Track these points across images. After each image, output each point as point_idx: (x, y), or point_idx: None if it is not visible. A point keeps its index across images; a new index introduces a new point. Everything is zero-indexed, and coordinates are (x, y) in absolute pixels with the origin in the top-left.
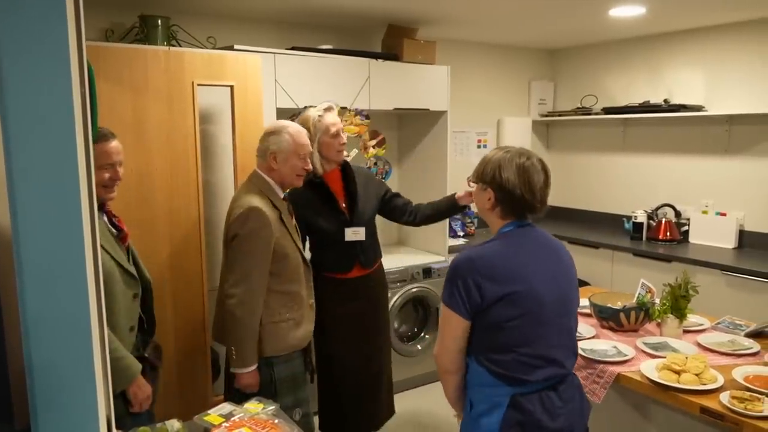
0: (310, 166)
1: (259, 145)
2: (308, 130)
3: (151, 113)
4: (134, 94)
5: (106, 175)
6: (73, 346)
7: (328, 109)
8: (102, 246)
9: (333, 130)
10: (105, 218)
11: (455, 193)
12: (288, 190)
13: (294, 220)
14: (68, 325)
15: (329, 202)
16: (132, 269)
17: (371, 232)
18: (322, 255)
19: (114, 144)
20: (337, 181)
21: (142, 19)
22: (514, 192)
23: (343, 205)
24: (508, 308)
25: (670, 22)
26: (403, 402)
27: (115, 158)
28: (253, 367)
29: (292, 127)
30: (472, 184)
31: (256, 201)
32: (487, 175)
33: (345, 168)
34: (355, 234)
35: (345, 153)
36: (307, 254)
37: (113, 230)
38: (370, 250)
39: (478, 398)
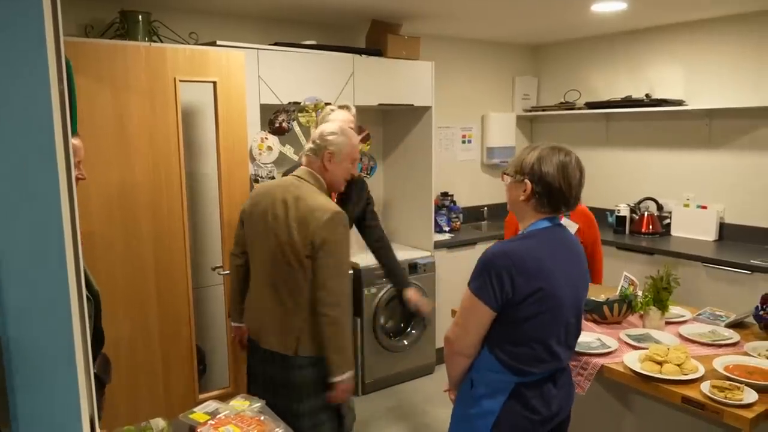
0: (357, 173)
1: (313, 143)
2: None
3: (132, 110)
4: (115, 91)
5: None
6: (54, 342)
7: (342, 108)
8: None
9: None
10: None
11: (410, 290)
12: None
13: None
14: (49, 321)
15: None
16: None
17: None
18: None
19: (73, 143)
20: None
21: (122, 14)
22: (553, 185)
23: (334, 201)
24: (535, 305)
25: (650, 18)
26: (389, 397)
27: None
28: (352, 372)
29: (349, 130)
30: (506, 177)
31: (333, 204)
32: (526, 168)
33: None
34: None
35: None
36: None
37: None
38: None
39: (481, 381)
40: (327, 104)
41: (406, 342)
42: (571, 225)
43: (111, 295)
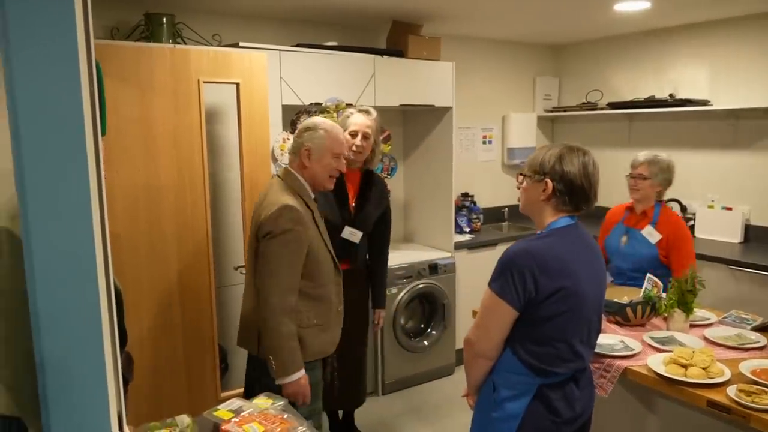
0: (344, 168)
1: (292, 142)
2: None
3: (157, 111)
4: (140, 92)
5: None
6: (84, 341)
7: (362, 111)
8: None
9: (351, 128)
10: None
11: (382, 310)
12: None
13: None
14: (79, 321)
15: (340, 197)
16: None
17: (365, 238)
18: None
19: None
20: (355, 182)
21: (147, 17)
22: (575, 182)
23: (353, 204)
24: (557, 303)
25: (675, 17)
26: (409, 398)
27: None
28: (297, 375)
29: (328, 123)
30: (522, 178)
31: (289, 199)
32: (545, 167)
33: (368, 175)
34: (352, 235)
35: (359, 158)
36: None
37: None
38: (361, 250)
39: (504, 383)
40: (348, 105)
41: (426, 343)
42: (653, 235)
43: (135, 294)
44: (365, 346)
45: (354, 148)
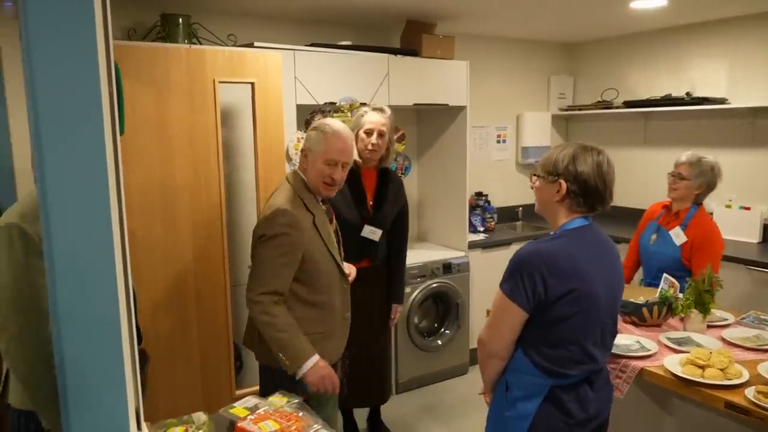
0: (340, 177)
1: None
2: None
3: (173, 111)
4: (156, 92)
5: None
6: (103, 340)
7: (376, 109)
8: None
9: (366, 127)
10: None
11: (399, 306)
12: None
13: (334, 227)
14: (98, 320)
15: (358, 195)
16: None
17: (384, 236)
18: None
19: None
20: (372, 180)
21: (163, 17)
22: (589, 183)
23: (371, 203)
24: (569, 306)
25: (692, 14)
26: (423, 397)
27: None
28: (312, 361)
29: (332, 128)
30: (536, 178)
31: (285, 202)
32: (558, 168)
33: (385, 173)
34: (372, 233)
35: (374, 156)
36: None
37: None
38: (381, 248)
39: (516, 383)
40: (362, 104)
41: (440, 342)
42: (680, 237)
43: (151, 292)
44: (388, 342)
45: (369, 147)
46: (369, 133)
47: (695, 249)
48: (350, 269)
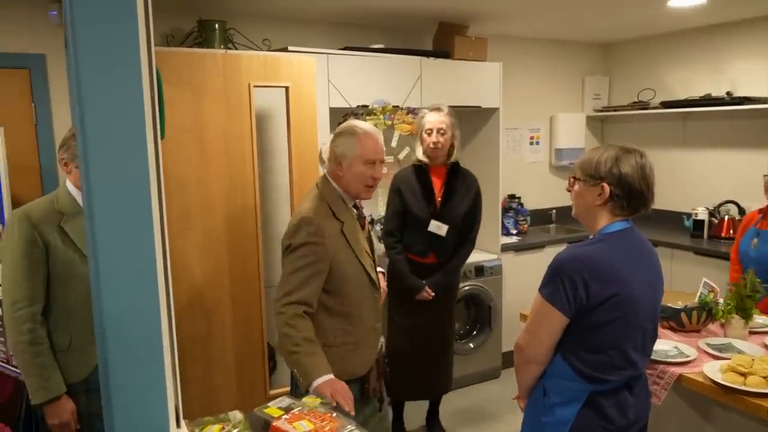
0: (381, 176)
1: (328, 147)
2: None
3: (209, 115)
4: (194, 97)
5: None
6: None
7: (434, 109)
8: (79, 249)
9: (427, 127)
10: None
11: (425, 290)
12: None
13: (367, 233)
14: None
15: (426, 190)
16: None
17: (456, 232)
18: (409, 236)
19: None
20: (441, 176)
21: (200, 23)
22: (633, 186)
23: (438, 199)
24: (610, 311)
25: (732, 12)
26: (455, 400)
27: None
28: (322, 380)
29: (362, 127)
30: (575, 182)
31: (311, 210)
32: (601, 170)
33: (454, 169)
34: (438, 228)
35: (438, 154)
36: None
37: None
38: (449, 244)
39: (554, 388)
40: (395, 107)
41: (471, 345)
42: None
43: (188, 293)
44: (451, 336)
45: (431, 145)
46: (429, 132)
47: None
48: (382, 283)
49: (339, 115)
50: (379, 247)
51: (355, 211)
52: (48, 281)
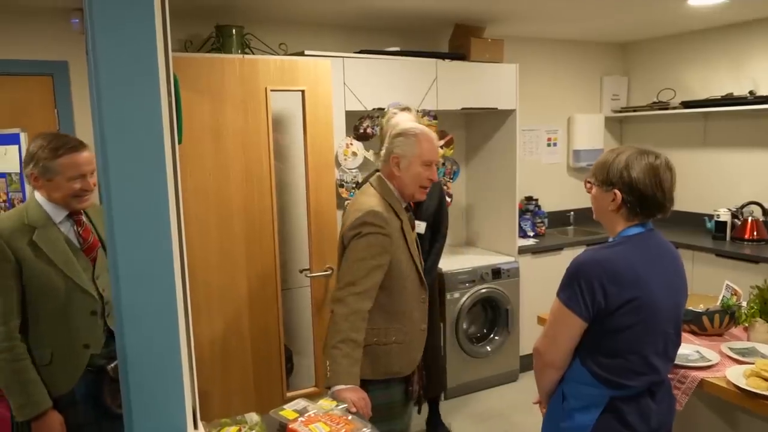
0: (436, 177)
1: (384, 148)
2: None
3: (227, 119)
4: (212, 101)
5: (77, 186)
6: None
7: (405, 109)
8: (52, 262)
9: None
10: (73, 228)
11: None
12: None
13: (414, 234)
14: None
15: None
16: (88, 285)
17: (428, 229)
18: None
19: (84, 155)
20: None
21: (218, 29)
22: (645, 192)
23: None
24: (629, 315)
25: (754, 10)
26: (472, 403)
27: (85, 169)
28: (345, 387)
29: (419, 128)
30: (591, 186)
31: (377, 205)
32: (612, 176)
33: None
34: (419, 227)
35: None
36: None
37: (75, 243)
38: (426, 242)
39: (573, 394)
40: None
41: (489, 348)
42: None
43: (206, 295)
44: (439, 336)
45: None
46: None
47: None
48: None
49: (355, 118)
50: None
51: (407, 213)
52: (23, 296)
